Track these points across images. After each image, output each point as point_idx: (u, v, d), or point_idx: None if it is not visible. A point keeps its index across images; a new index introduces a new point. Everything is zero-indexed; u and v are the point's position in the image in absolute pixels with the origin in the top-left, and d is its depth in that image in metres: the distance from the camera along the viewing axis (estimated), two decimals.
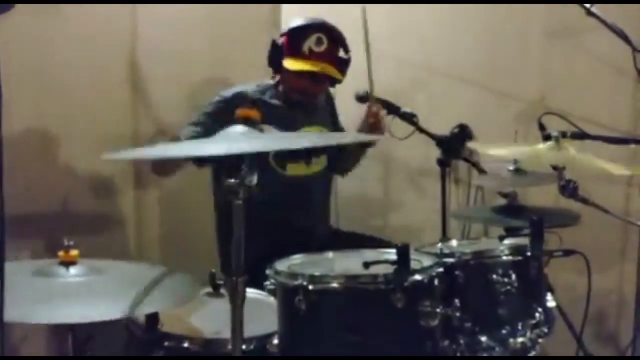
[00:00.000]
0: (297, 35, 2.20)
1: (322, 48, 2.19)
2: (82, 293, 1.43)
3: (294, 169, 2.31)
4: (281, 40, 2.23)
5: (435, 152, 2.30)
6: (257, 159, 1.87)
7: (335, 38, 2.23)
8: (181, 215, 2.68)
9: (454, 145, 2.40)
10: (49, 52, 2.29)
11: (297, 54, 2.19)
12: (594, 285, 2.15)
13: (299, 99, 2.29)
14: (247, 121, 1.35)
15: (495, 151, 2.01)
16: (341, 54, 2.25)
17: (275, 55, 2.24)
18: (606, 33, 1.98)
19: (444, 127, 2.50)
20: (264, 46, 2.33)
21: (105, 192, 2.53)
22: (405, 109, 2.29)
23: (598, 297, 2.34)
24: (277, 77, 2.32)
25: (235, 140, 1.33)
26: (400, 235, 2.52)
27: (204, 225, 2.48)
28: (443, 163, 2.34)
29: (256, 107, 1.37)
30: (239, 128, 1.35)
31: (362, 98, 2.30)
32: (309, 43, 2.18)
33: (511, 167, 2.24)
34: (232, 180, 1.27)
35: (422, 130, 2.27)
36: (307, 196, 2.37)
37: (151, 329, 1.58)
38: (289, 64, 2.19)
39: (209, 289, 1.83)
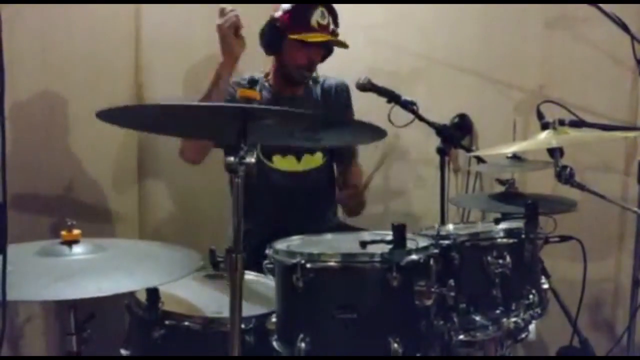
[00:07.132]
0: (302, 11, 2.22)
1: (326, 21, 2.24)
2: (85, 271, 1.45)
3: (284, 164, 2.35)
4: (281, 20, 2.24)
5: (435, 141, 2.33)
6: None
7: (331, 11, 2.28)
8: (184, 198, 2.71)
9: (454, 134, 2.42)
10: (54, 40, 2.32)
11: (306, 28, 2.22)
12: (590, 273, 2.17)
13: (301, 76, 2.33)
14: (248, 101, 1.38)
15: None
16: (332, 27, 2.29)
17: (274, 35, 2.26)
18: (605, 22, 1.99)
19: (443, 116, 2.52)
20: None
21: (108, 177, 2.56)
22: (406, 97, 2.30)
23: (594, 284, 2.36)
24: (267, 69, 2.35)
25: None
26: None
27: (207, 208, 2.50)
28: (442, 151, 2.36)
29: (255, 89, 1.39)
30: None
31: (363, 86, 2.32)
32: (316, 17, 2.22)
33: (509, 154, 2.25)
34: (232, 159, 1.30)
35: (422, 119, 2.28)
36: (308, 186, 2.40)
37: (152, 308, 1.61)
38: (303, 37, 2.21)
39: (210, 271, 1.87)
